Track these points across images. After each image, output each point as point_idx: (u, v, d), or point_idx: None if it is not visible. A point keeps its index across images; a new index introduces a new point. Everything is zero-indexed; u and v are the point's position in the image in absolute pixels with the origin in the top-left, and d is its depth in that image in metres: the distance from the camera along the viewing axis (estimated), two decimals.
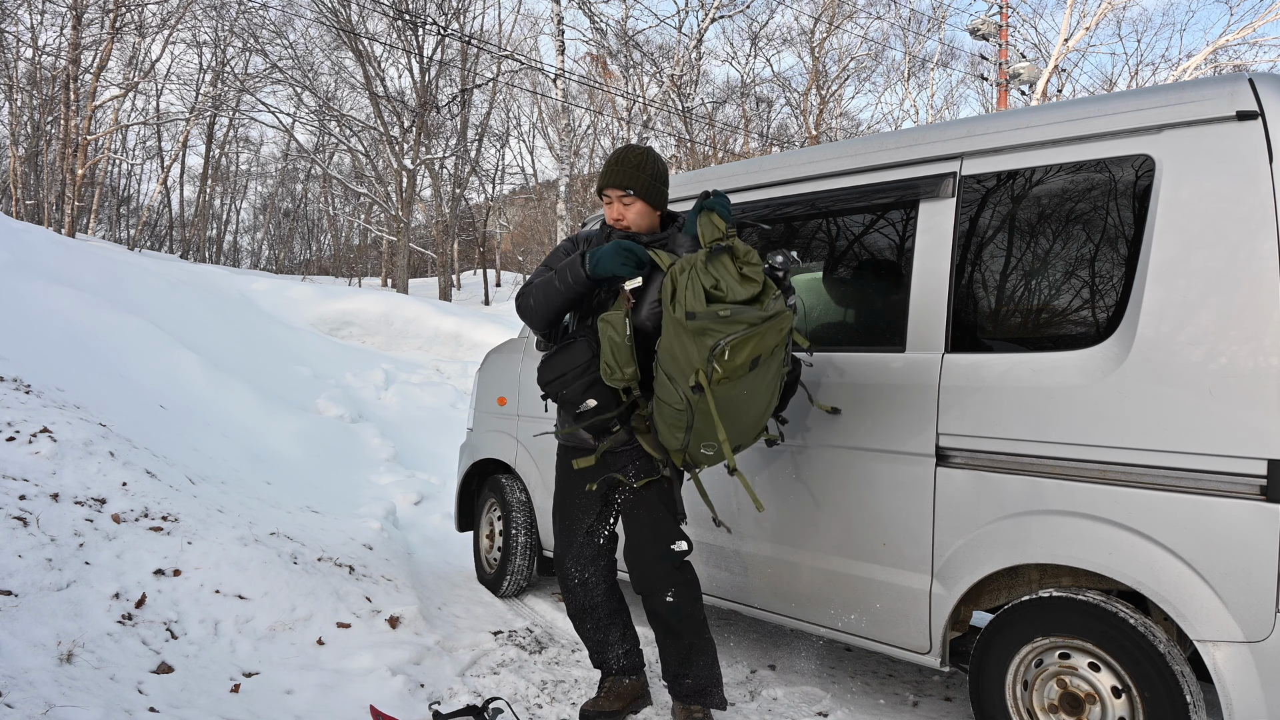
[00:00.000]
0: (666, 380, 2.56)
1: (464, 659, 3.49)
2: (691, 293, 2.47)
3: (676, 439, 2.63)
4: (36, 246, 8.63)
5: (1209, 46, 20.82)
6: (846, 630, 3.04)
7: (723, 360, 2.42)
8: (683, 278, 2.51)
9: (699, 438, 2.58)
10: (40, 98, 27.80)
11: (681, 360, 2.48)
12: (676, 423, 2.58)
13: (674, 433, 2.62)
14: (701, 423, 2.54)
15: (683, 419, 2.56)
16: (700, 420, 2.54)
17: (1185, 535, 2.30)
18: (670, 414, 2.59)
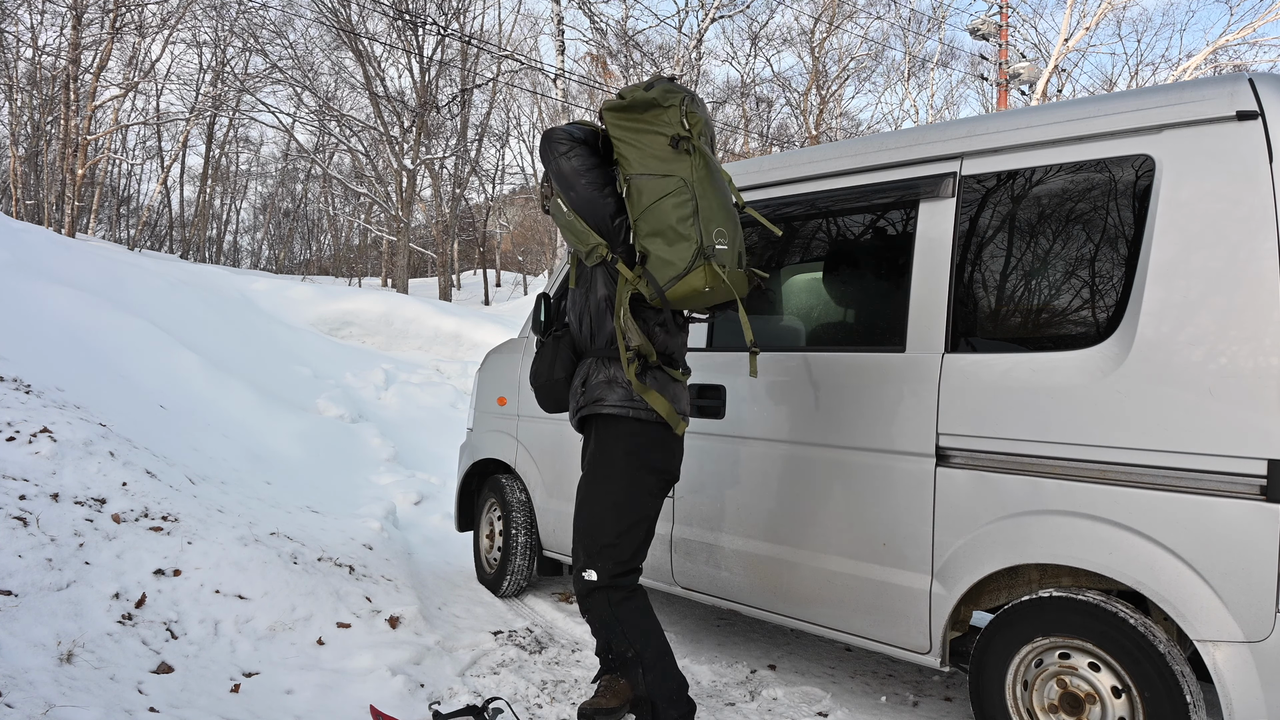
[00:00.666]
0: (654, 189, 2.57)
1: (464, 659, 3.49)
2: None
3: (687, 245, 2.52)
4: (36, 246, 8.63)
5: (1209, 46, 20.83)
6: (846, 630, 3.04)
7: (691, 113, 2.59)
8: None
9: (708, 223, 2.54)
10: (40, 98, 27.81)
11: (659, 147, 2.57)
12: (683, 216, 2.52)
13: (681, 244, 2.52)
14: (703, 193, 2.55)
15: (687, 205, 2.52)
16: (701, 189, 2.55)
17: (1185, 535, 2.30)
18: (675, 211, 2.53)
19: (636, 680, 2.69)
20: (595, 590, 2.69)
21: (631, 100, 2.62)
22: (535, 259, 41.76)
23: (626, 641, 2.68)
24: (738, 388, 3.37)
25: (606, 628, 2.71)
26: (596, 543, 2.70)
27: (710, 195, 2.57)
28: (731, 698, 3.33)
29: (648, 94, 2.60)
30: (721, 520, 3.41)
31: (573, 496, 4.04)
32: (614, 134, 2.65)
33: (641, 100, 2.60)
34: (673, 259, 2.53)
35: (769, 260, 3.57)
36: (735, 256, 2.61)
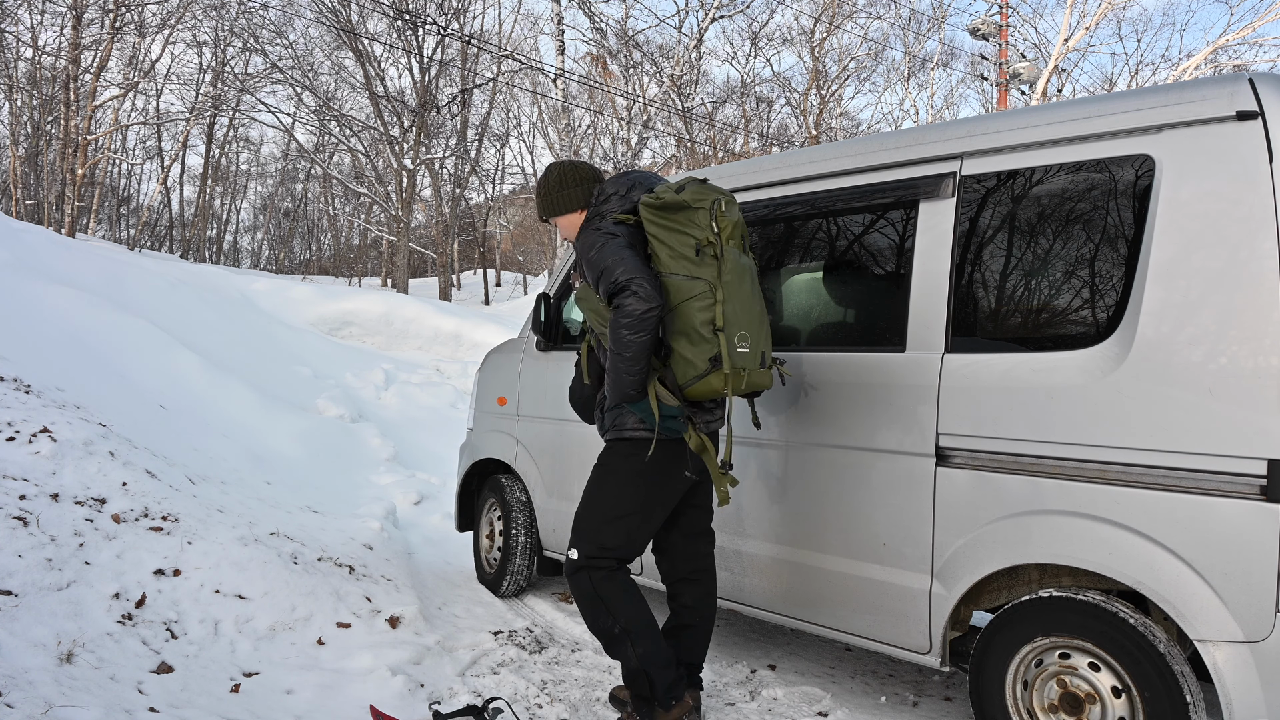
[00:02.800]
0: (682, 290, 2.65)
1: (464, 659, 3.49)
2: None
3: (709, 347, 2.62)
4: (36, 246, 8.63)
5: (1209, 46, 20.82)
6: (846, 630, 3.04)
7: (721, 215, 2.67)
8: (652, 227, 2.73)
9: (732, 326, 2.64)
10: (40, 98, 27.81)
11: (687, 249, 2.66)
12: (705, 320, 2.62)
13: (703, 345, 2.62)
14: (729, 296, 2.64)
15: (711, 309, 2.62)
16: (728, 293, 2.64)
17: (1185, 535, 2.30)
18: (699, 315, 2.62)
19: (628, 656, 2.76)
20: (578, 570, 2.79)
21: (665, 201, 2.69)
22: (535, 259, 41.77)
23: (612, 618, 2.76)
24: None
25: (591, 606, 2.79)
26: (583, 525, 2.83)
27: (736, 298, 2.67)
28: (731, 698, 3.33)
29: (679, 196, 2.67)
30: (721, 520, 3.41)
31: (572, 496, 4.05)
32: (649, 230, 2.73)
33: (673, 202, 2.67)
34: (694, 359, 2.64)
35: (770, 260, 3.58)
36: (758, 357, 2.75)
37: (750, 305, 2.73)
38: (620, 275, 2.62)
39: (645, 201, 2.74)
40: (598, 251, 2.71)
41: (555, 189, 2.93)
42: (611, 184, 2.88)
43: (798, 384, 3.20)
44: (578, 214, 2.92)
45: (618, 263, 2.64)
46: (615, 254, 2.66)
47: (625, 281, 2.60)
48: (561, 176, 2.92)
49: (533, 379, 4.33)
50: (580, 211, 2.91)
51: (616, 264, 2.64)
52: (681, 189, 2.69)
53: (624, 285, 2.60)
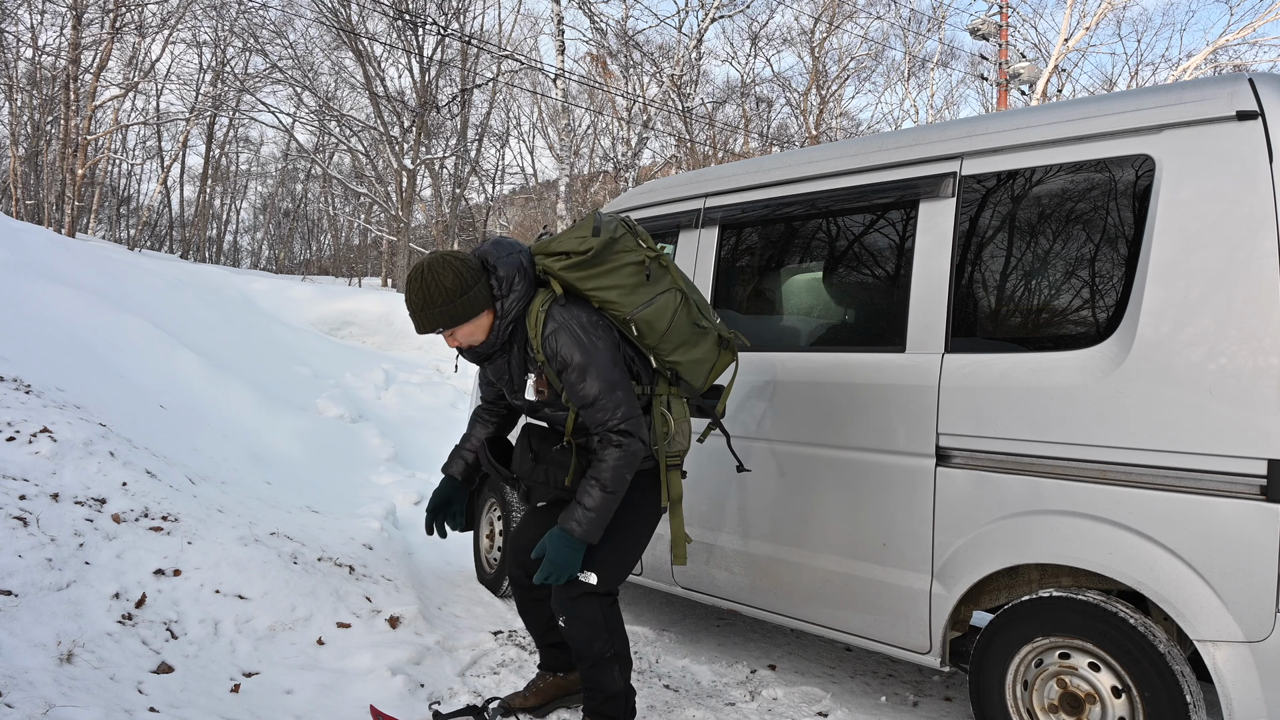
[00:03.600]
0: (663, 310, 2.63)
1: (464, 659, 3.49)
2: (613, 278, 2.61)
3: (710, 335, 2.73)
4: (36, 246, 8.63)
5: (1209, 46, 20.82)
6: (846, 630, 3.04)
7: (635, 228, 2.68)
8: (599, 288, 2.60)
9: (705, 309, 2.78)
10: (40, 98, 27.80)
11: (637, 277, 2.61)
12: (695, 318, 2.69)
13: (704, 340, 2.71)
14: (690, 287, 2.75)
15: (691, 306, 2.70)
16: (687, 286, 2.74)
17: (1185, 535, 2.30)
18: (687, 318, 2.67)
19: (614, 679, 2.69)
20: (592, 596, 2.62)
21: (588, 253, 2.52)
22: None
23: (609, 643, 2.67)
24: (738, 388, 3.37)
25: (592, 632, 2.64)
26: (609, 556, 2.63)
27: (690, 285, 2.75)
28: (731, 698, 3.33)
29: (597, 239, 2.52)
30: (721, 520, 3.41)
31: None
32: (584, 288, 2.57)
33: (598, 247, 2.52)
34: (703, 356, 2.71)
35: (770, 260, 3.58)
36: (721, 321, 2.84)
37: (695, 287, 2.80)
38: (614, 411, 2.47)
39: (562, 268, 2.55)
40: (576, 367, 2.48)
41: (457, 295, 2.49)
42: (503, 267, 2.56)
43: (798, 384, 3.20)
44: (483, 317, 2.56)
45: (608, 391, 2.47)
46: (603, 375, 2.47)
47: (624, 420, 2.47)
48: (459, 279, 2.49)
49: None
50: (486, 313, 2.56)
51: (607, 395, 2.47)
52: (596, 230, 2.53)
53: (623, 426, 2.47)
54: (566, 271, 2.56)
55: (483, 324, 2.57)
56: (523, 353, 2.63)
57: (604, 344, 2.53)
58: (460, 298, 2.49)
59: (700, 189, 3.74)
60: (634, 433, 2.49)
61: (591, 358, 2.48)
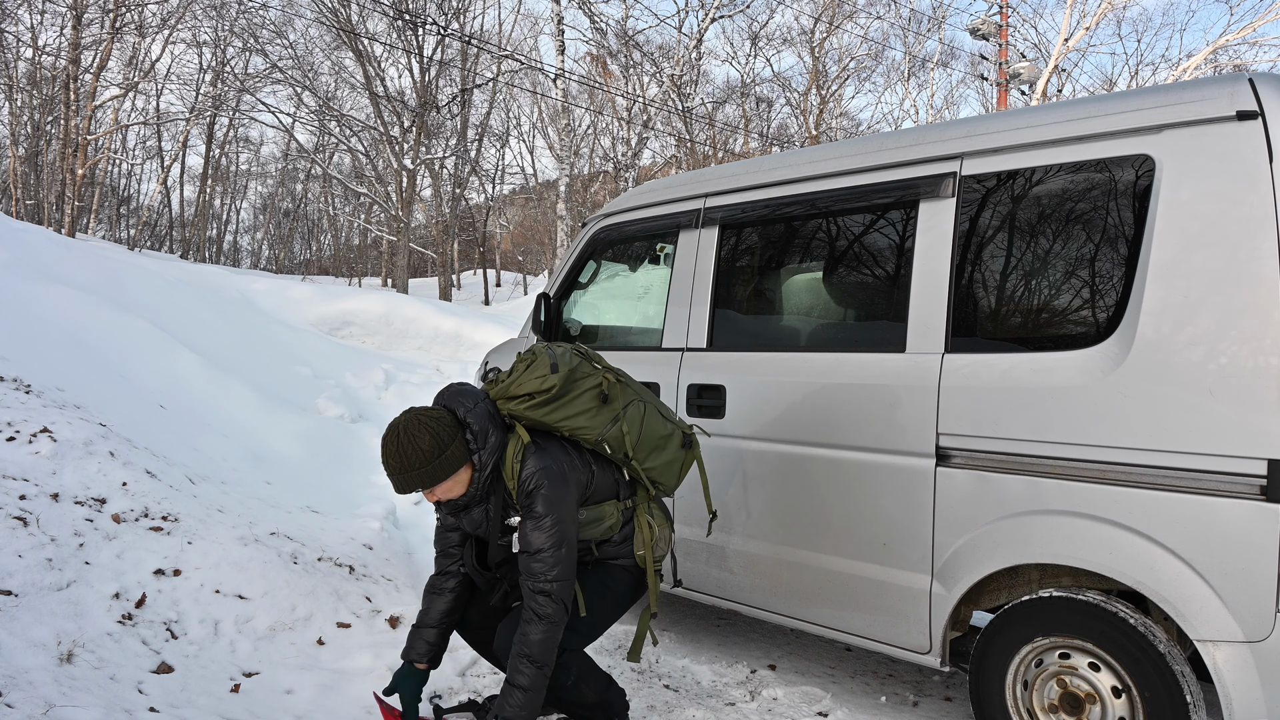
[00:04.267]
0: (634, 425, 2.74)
1: (464, 659, 3.49)
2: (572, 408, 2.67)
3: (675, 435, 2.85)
4: (36, 246, 8.63)
5: (1209, 46, 20.82)
6: (846, 630, 3.04)
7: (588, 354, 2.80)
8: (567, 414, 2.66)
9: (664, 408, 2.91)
10: (40, 98, 27.81)
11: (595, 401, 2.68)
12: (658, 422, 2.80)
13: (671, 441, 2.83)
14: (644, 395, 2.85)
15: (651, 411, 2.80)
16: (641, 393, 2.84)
17: (1185, 535, 2.30)
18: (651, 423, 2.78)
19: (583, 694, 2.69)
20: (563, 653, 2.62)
21: (550, 391, 2.59)
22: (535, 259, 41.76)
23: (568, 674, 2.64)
24: (738, 388, 3.37)
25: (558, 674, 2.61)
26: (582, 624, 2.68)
27: (646, 394, 2.84)
28: (731, 698, 3.33)
29: (554, 376, 2.59)
30: (722, 520, 3.41)
31: None
32: (549, 421, 2.62)
33: (563, 378, 2.60)
34: (672, 457, 2.81)
35: (770, 261, 3.58)
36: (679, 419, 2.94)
37: (650, 392, 2.91)
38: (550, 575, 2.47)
39: (527, 409, 2.59)
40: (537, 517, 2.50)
41: (434, 456, 2.47)
42: (475, 420, 2.56)
43: (798, 384, 3.20)
44: (462, 471, 2.55)
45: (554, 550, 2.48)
46: (556, 534, 2.49)
47: (552, 583, 2.46)
48: (436, 440, 2.48)
49: None
50: (465, 468, 2.55)
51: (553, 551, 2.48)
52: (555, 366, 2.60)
53: (550, 587, 2.46)
54: (532, 411, 2.60)
55: (462, 479, 2.56)
56: (500, 501, 2.62)
57: (571, 500, 2.57)
58: (438, 458, 2.48)
59: (700, 189, 3.74)
60: (556, 597, 2.46)
61: (556, 512, 2.51)
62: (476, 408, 2.58)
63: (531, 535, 2.51)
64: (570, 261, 4.25)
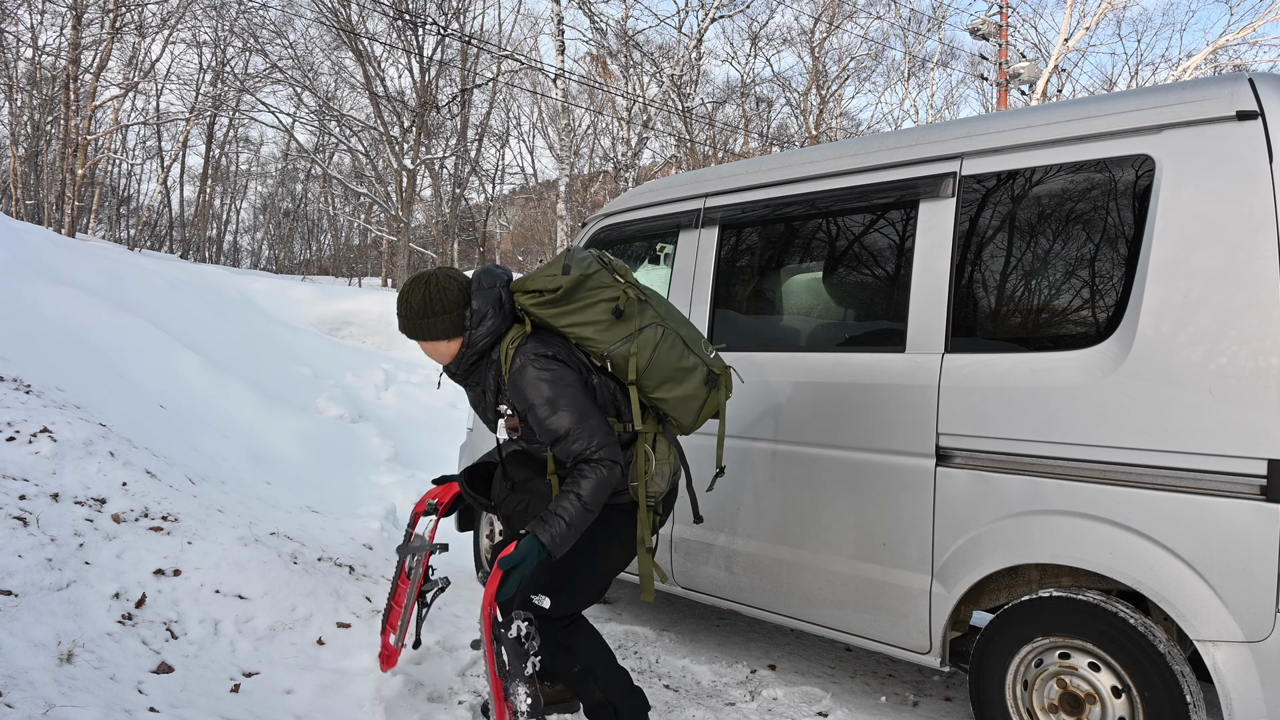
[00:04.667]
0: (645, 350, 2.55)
1: (464, 659, 3.49)
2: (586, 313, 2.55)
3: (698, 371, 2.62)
4: (36, 246, 8.63)
5: (1209, 46, 20.82)
6: (846, 630, 3.04)
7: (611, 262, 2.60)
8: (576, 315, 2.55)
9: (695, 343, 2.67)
10: (40, 98, 27.80)
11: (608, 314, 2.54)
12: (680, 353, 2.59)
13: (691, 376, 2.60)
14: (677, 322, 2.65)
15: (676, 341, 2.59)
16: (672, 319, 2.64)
17: (1185, 535, 2.30)
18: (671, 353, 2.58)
19: (586, 690, 2.64)
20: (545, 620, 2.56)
21: (559, 292, 2.49)
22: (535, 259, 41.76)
23: (574, 661, 2.62)
24: (738, 388, 3.37)
25: (552, 652, 2.60)
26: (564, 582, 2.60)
27: (679, 320, 2.65)
28: (731, 698, 3.33)
29: (567, 277, 2.49)
30: (722, 520, 3.41)
31: None
32: (559, 325, 2.55)
33: (568, 285, 2.49)
34: (691, 393, 2.60)
35: (769, 261, 3.57)
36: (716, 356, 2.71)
37: (686, 320, 2.70)
38: (589, 442, 2.40)
39: (535, 304, 2.54)
40: (546, 407, 2.43)
41: (419, 315, 2.54)
42: (481, 299, 2.56)
43: (798, 384, 3.20)
44: (450, 342, 2.58)
45: (582, 425, 2.41)
46: (572, 410, 2.42)
47: (598, 449, 2.40)
48: (426, 304, 2.53)
49: None
50: (453, 340, 2.57)
51: (581, 427, 2.41)
52: (566, 268, 2.50)
53: (597, 455, 2.39)
54: (539, 309, 2.55)
55: (448, 349, 2.58)
56: (495, 387, 2.61)
57: (572, 376, 2.49)
58: (422, 319, 2.53)
59: (700, 189, 3.74)
60: (614, 460, 2.41)
61: (559, 390, 2.44)
62: (487, 290, 2.57)
63: (547, 423, 2.43)
64: None
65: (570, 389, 2.45)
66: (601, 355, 2.57)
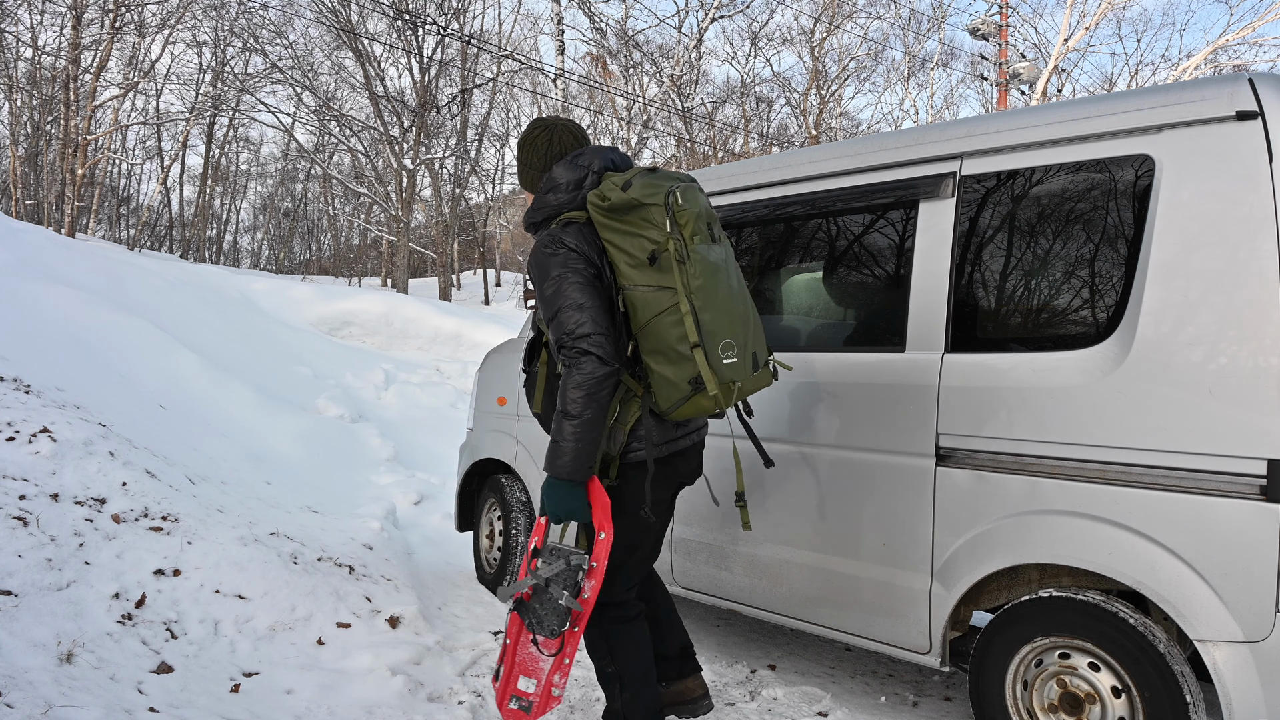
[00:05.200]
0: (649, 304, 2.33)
1: (464, 659, 3.49)
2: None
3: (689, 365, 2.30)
4: (36, 246, 8.63)
5: (1209, 46, 20.83)
6: (846, 630, 3.04)
7: (679, 208, 2.30)
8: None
9: (712, 337, 2.31)
10: (40, 98, 27.80)
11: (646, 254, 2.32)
12: (680, 335, 2.29)
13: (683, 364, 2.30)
14: (705, 303, 2.30)
15: (684, 321, 2.27)
16: (703, 299, 2.29)
17: (1185, 535, 2.30)
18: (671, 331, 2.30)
19: (613, 694, 2.61)
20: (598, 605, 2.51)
21: (612, 202, 2.34)
22: None
23: (610, 659, 2.59)
24: None
25: (592, 643, 2.60)
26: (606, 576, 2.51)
27: (712, 304, 2.32)
28: (731, 698, 3.33)
29: (627, 194, 2.31)
30: (721, 520, 3.41)
31: None
32: (603, 235, 2.39)
33: (621, 202, 2.31)
34: (675, 380, 2.32)
35: (769, 260, 3.58)
36: (749, 362, 2.44)
37: (731, 306, 2.39)
38: (576, 326, 2.27)
39: (592, 203, 2.39)
40: (551, 280, 2.34)
41: (522, 162, 2.58)
42: (561, 169, 2.48)
43: (798, 384, 3.20)
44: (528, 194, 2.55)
45: (575, 306, 2.29)
46: (573, 290, 2.30)
47: (582, 337, 2.27)
48: (522, 145, 2.53)
49: None
50: (529, 192, 2.56)
51: (573, 308, 2.29)
52: (629, 184, 2.33)
53: (579, 343, 2.27)
54: (594, 212, 2.41)
55: (527, 199, 2.60)
56: None
57: (584, 265, 2.35)
58: (517, 155, 2.60)
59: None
60: (601, 353, 2.25)
61: (566, 270, 2.32)
62: (574, 166, 2.49)
63: (547, 296, 2.35)
64: None
65: (579, 276, 2.33)
66: (617, 286, 2.40)
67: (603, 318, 2.32)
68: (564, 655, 2.47)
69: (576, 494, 2.35)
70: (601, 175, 2.48)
